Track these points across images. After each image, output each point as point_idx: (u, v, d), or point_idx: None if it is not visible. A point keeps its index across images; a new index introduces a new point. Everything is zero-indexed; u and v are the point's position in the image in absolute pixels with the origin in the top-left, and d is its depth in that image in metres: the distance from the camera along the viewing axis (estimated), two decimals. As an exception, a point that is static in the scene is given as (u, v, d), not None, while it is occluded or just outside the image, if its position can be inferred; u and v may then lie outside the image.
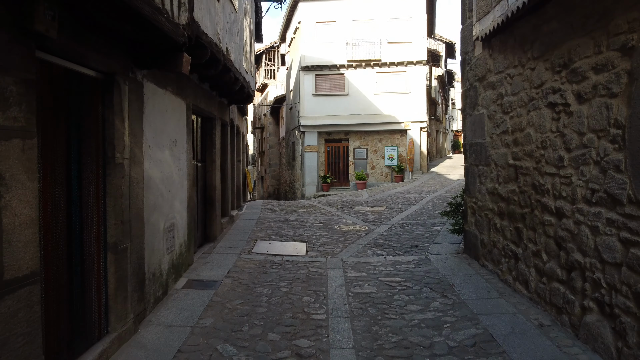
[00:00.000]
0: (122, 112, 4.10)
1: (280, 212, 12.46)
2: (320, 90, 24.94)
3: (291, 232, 9.49)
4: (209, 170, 8.51)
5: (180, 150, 6.05)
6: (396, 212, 12.03)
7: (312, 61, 24.58)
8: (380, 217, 11.25)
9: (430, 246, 7.93)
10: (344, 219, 11.27)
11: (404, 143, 24.88)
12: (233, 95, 9.20)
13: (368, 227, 10.03)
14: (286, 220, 10.93)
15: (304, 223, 10.58)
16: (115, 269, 4.01)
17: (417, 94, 24.43)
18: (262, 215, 11.77)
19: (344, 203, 14.79)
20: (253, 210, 12.75)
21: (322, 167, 25.39)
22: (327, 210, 13.03)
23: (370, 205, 13.64)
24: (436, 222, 9.98)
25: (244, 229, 9.67)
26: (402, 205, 13.26)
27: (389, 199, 14.95)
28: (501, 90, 5.82)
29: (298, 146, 25.86)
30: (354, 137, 25.19)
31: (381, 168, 25.01)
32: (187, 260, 6.42)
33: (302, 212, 12.53)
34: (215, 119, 8.59)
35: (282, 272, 6.56)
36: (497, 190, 5.96)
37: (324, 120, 24.67)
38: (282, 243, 8.45)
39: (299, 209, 13.27)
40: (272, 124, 38.58)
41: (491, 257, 6.21)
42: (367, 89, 24.55)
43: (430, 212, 11.40)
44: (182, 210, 6.16)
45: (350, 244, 8.39)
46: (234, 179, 11.72)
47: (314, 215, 11.96)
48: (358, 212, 12.41)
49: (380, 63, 24.35)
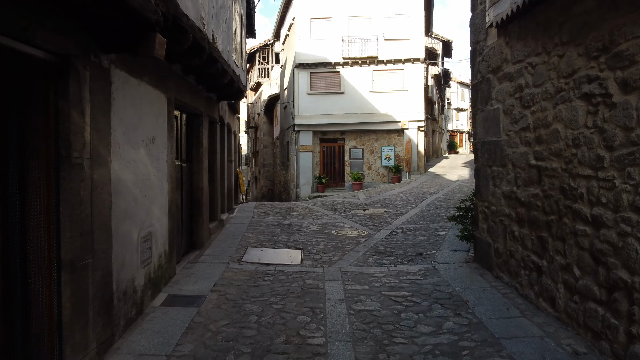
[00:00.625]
0: (81, 102, 3.42)
1: (274, 215, 11.79)
2: (315, 89, 24.29)
3: (285, 237, 8.82)
4: (195, 171, 7.83)
5: (159, 149, 5.38)
6: (396, 215, 11.39)
7: (306, 58, 23.92)
8: (380, 221, 10.61)
9: (436, 254, 7.29)
10: (341, 222, 10.62)
11: (401, 143, 24.27)
12: (222, 90, 8.52)
13: (367, 231, 9.38)
14: (280, 225, 10.26)
15: (299, 227, 9.92)
16: (71, 291, 3.33)
17: (415, 93, 23.82)
18: (254, 218, 11.09)
19: (340, 205, 14.14)
20: (245, 213, 12.07)
21: (317, 167, 24.73)
22: (323, 213, 12.38)
23: (368, 208, 12.99)
24: (440, 226, 9.35)
25: (235, 234, 9.00)
26: (401, 207, 12.62)
27: (387, 201, 14.31)
28: (520, 81, 5.18)
29: (292, 146, 25.19)
30: (349, 136, 24.55)
31: (378, 168, 24.40)
32: (168, 273, 5.74)
33: (296, 216, 11.86)
34: (203, 115, 7.91)
35: (274, 284, 5.90)
36: (516, 194, 5.33)
37: (319, 120, 24.01)
38: (275, 250, 7.78)
39: (294, 212, 12.60)
40: (266, 123, 37.87)
41: (507, 268, 5.57)
42: (364, 87, 23.92)
43: (432, 216, 10.76)
44: (162, 217, 5.49)
45: (349, 252, 7.74)
46: (224, 180, 11.05)
47: (309, 218, 11.30)
48: (356, 215, 11.76)
49: (376, 60, 23.73)
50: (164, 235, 5.55)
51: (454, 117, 64.67)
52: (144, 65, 4.75)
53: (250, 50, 38.09)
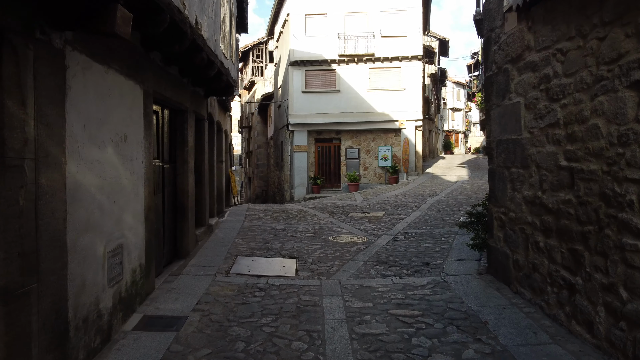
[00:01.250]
0: (19, 89, 2.73)
1: (267, 220, 11.10)
2: (310, 87, 23.62)
3: (278, 244, 8.13)
4: (179, 173, 7.13)
5: (133, 147, 4.69)
6: (396, 219, 10.73)
7: (301, 56, 23.24)
8: (380, 226, 9.94)
9: (444, 264, 6.63)
10: (339, 227, 9.95)
11: (398, 143, 23.64)
12: (209, 85, 7.83)
13: (367, 237, 8.71)
14: (273, 230, 9.57)
15: (294, 233, 9.23)
16: (6, 326, 2.64)
17: (412, 91, 23.20)
18: (245, 223, 10.40)
19: (337, 208, 13.47)
20: (236, 217, 11.38)
21: (312, 168, 24.06)
22: (318, 216, 11.70)
23: (367, 211, 12.33)
24: (445, 232, 8.69)
25: (224, 241, 8.30)
26: (402, 211, 11.97)
27: (386, 204, 13.66)
28: (547, 71, 4.53)
29: (287, 146, 24.51)
30: (345, 136, 23.89)
31: (374, 169, 23.76)
32: (144, 289, 5.05)
33: (291, 219, 11.18)
34: (188, 111, 7.21)
35: (266, 301, 5.22)
36: (541, 199, 4.67)
37: (314, 119, 23.34)
38: (267, 260, 7.09)
39: (288, 215, 11.92)
40: (260, 123, 37.17)
41: (530, 283, 4.92)
42: (360, 86, 23.27)
43: (435, 220, 10.11)
44: (136, 226, 4.79)
45: (349, 261, 7.06)
46: (213, 182, 10.35)
47: (304, 223, 10.62)
48: (354, 219, 11.09)
49: (373, 58, 23.09)
50: (139, 247, 4.86)
51: (449, 117, 64.29)
52: (111, 49, 4.05)
53: (244, 48, 37.42)
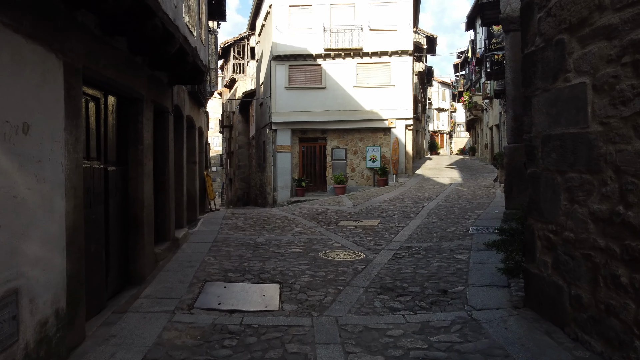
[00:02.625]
0: None
1: (245, 230, 9.65)
2: (294, 83, 22.20)
3: (258, 264, 6.69)
4: (132, 177, 5.66)
5: (43, 143, 3.23)
6: (394, 229, 9.38)
7: (284, 50, 21.81)
8: (377, 238, 8.58)
9: (466, 292, 5.28)
10: (329, 239, 8.55)
11: (387, 142, 22.36)
12: (173, 68, 6.36)
13: (364, 253, 7.33)
14: (252, 244, 8.13)
15: (277, 248, 7.80)
16: None
17: (402, 88, 21.95)
18: (220, 234, 8.94)
19: (325, 214, 12.07)
20: (210, 226, 9.91)
21: (296, 169, 22.64)
22: (305, 225, 10.29)
23: (359, 218, 10.96)
24: (456, 247, 7.36)
25: (191, 259, 6.84)
26: (398, 218, 10.62)
27: (379, 209, 12.30)
28: (635, 35, 3.20)
29: (269, 146, 23.05)
30: (331, 135, 22.53)
31: (362, 170, 22.45)
32: (65, 343, 3.59)
33: (273, 229, 9.75)
34: (144, 101, 5.75)
35: (239, 355, 3.79)
36: (623, 217, 3.33)
37: (298, 117, 21.93)
38: (243, 286, 5.66)
39: (270, 224, 10.48)
40: (242, 122, 35.64)
41: (601, 331, 3.58)
42: (347, 82, 21.94)
43: (440, 231, 8.77)
44: (49, 256, 3.34)
45: (345, 286, 5.67)
46: (182, 186, 8.88)
47: (289, 234, 9.20)
48: (345, 228, 9.70)
49: (361, 53, 21.77)
50: (54, 286, 3.40)
51: (434, 117, 63.63)
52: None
53: (224, 44, 35.92)
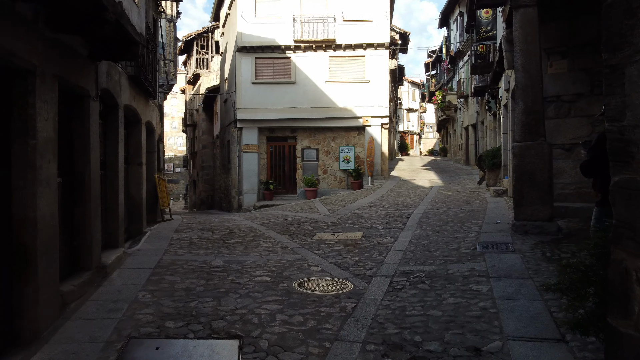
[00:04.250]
0: None
1: (200, 247, 7.83)
2: (261, 77, 20.39)
3: (211, 302, 4.92)
4: (17, 187, 3.82)
5: None
6: (382, 243, 7.75)
7: (251, 40, 19.97)
8: (364, 257, 6.92)
9: (507, 349, 3.66)
10: (305, 260, 6.84)
11: (362, 142, 20.81)
12: (87, 29, 4.50)
13: (351, 282, 5.66)
14: (206, 269, 6.34)
15: (238, 275, 6.03)
16: None
17: (378, 84, 20.44)
18: (167, 255, 7.10)
19: (297, 224, 10.36)
20: (157, 243, 8.05)
21: (263, 170, 20.83)
22: (274, 239, 8.55)
23: (338, 230, 9.29)
24: (467, 271, 5.77)
25: (118, 298, 5.01)
26: (384, 229, 9.01)
27: (359, 218, 10.67)
28: None
29: (234, 145, 21.16)
30: (302, 134, 20.83)
31: (335, 172, 20.83)
32: None
33: (235, 246, 7.96)
34: (37, 74, 3.92)
35: None
36: None
37: (266, 114, 20.14)
38: (185, 345, 3.89)
39: (231, 238, 8.69)
40: (205, 120, 33.60)
41: None
42: (319, 77, 20.28)
43: (440, 247, 7.18)
44: None
45: (334, 341, 3.97)
46: (117, 195, 7.00)
47: (254, 252, 7.44)
48: (323, 244, 8.01)
49: (334, 45, 20.14)
50: None
51: (404, 118, 62.91)
52: None
53: (187, 37, 33.86)
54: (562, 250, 6.40)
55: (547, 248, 6.55)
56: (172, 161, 64.02)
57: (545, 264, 5.85)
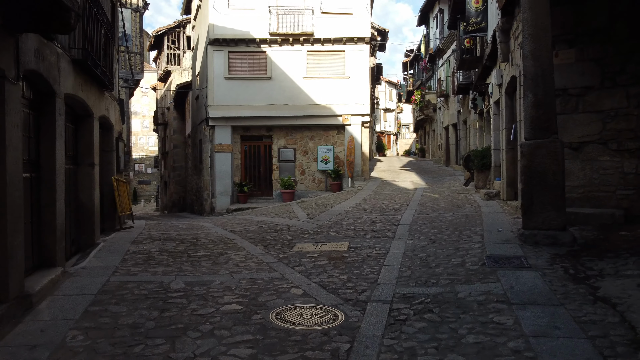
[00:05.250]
0: None
1: (159, 263, 6.64)
2: (235, 72, 19.19)
3: (162, 347, 3.76)
4: None
5: None
6: (373, 257, 6.70)
7: (223, 33, 18.75)
8: (353, 274, 5.85)
9: None
10: (284, 280, 5.74)
11: (341, 142, 19.81)
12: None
13: (342, 312, 4.58)
14: (162, 294, 5.17)
15: (201, 303, 4.88)
16: None
17: (358, 80, 19.47)
18: (116, 275, 5.89)
19: (274, 232, 9.24)
20: (108, 258, 6.82)
21: (237, 172, 19.63)
22: (247, 252, 7.42)
23: (320, 239, 8.21)
24: (481, 295, 4.76)
25: (38, 342, 3.81)
26: (372, 238, 7.97)
27: (343, 224, 9.62)
28: None
29: (206, 145, 19.90)
30: (278, 133, 19.71)
31: (313, 173, 19.77)
32: None
33: (202, 261, 6.80)
34: None
35: None
36: None
37: (240, 112, 18.95)
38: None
39: (198, 251, 7.52)
40: (177, 119, 32.14)
41: None
42: (296, 72, 19.19)
43: (441, 261, 6.16)
44: None
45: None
46: (54, 202, 5.77)
47: (223, 270, 6.29)
48: (304, 257, 6.92)
49: (312, 39, 19.08)
50: None
51: (381, 118, 62.37)
52: None
53: (157, 32, 32.39)
54: (586, 266, 5.46)
55: (567, 263, 5.61)
56: (143, 161, 62.02)
57: (572, 284, 4.88)
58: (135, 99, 61.86)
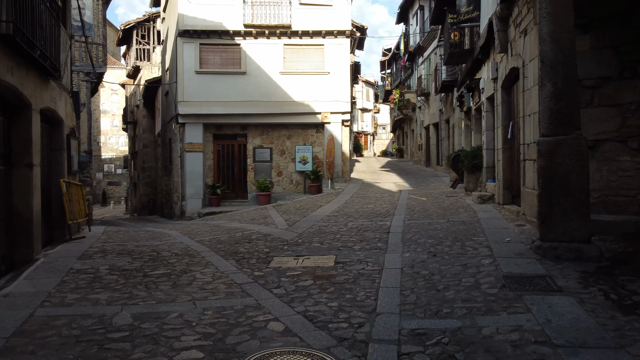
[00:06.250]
0: None
1: (105, 287, 5.42)
2: (207, 66, 17.94)
3: None
4: None
5: None
6: (365, 274, 5.64)
7: (194, 24, 17.47)
8: (346, 302, 4.76)
9: None
10: (259, 309, 4.61)
11: (320, 141, 18.74)
12: None
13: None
14: (98, 336, 3.98)
15: (150, 350, 3.69)
16: None
17: (338, 76, 18.44)
18: (43, 308, 4.65)
19: (248, 243, 8.10)
20: (41, 281, 5.57)
21: (209, 173, 18.37)
22: (216, 269, 6.26)
23: (301, 251, 7.11)
24: (511, 329, 3.73)
25: None
26: (362, 250, 6.91)
27: (326, 232, 8.54)
28: None
29: (176, 144, 18.58)
30: (253, 132, 18.53)
31: (290, 174, 18.66)
32: None
33: (159, 283, 5.61)
34: None
35: None
36: None
37: (212, 108, 17.71)
38: None
39: (156, 269, 6.32)
40: (147, 117, 30.57)
41: None
42: (272, 67, 18.04)
43: (449, 281, 5.13)
44: None
45: None
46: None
47: (184, 296, 5.11)
48: (284, 276, 5.80)
49: (289, 32, 17.96)
50: None
51: (359, 118, 61.63)
52: None
53: (126, 25, 30.73)
54: (627, 288, 4.50)
55: (603, 284, 4.64)
56: (113, 162, 59.85)
57: (621, 315, 3.90)
58: (104, 97, 59.74)
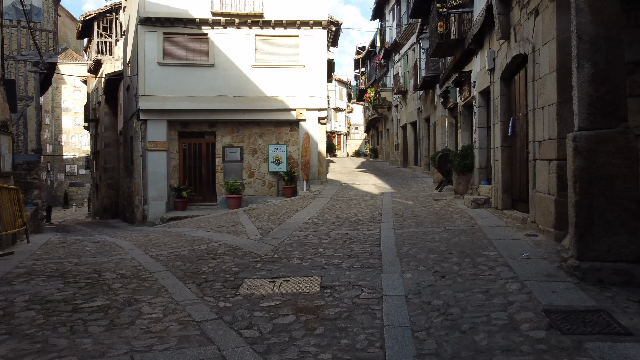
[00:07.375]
0: None
1: (18, 326, 4.04)
2: (172, 57, 16.44)
3: None
4: None
5: None
6: (362, 305, 4.41)
7: (157, 10, 15.95)
8: (341, 352, 3.51)
9: None
10: (224, 364, 3.33)
11: (295, 140, 17.48)
12: None
13: None
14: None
15: None
16: None
17: (314, 70, 17.22)
18: None
19: (213, 259, 6.76)
20: None
21: (175, 174, 16.87)
22: (170, 297, 4.91)
23: (279, 272, 5.82)
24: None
25: None
26: (352, 270, 5.68)
27: (306, 245, 7.28)
28: None
29: (137, 142, 17.02)
30: (223, 129, 17.13)
31: (263, 176, 17.34)
32: None
33: (91, 322, 4.25)
34: None
35: None
36: None
37: (177, 103, 16.23)
38: None
39: (94, 298, 4.94)
40: (109, 114, 28.69)
41: None
42: (243, 59, 16.68)
43: (477, 319, 3.95)
44: None
45: None
46: None
47: (120, 346, 3.76)
48: (257, 308, 4.50)
49: (261, 21, 16.63)
50: None
51: (332, 118, 60.56)
52: None
53: (86, 16, 28.79)
54: None
55: (678, 323, 3.53)
56: (75, 162, 57.18)
57: None
58: (66, 94, 56.96)
